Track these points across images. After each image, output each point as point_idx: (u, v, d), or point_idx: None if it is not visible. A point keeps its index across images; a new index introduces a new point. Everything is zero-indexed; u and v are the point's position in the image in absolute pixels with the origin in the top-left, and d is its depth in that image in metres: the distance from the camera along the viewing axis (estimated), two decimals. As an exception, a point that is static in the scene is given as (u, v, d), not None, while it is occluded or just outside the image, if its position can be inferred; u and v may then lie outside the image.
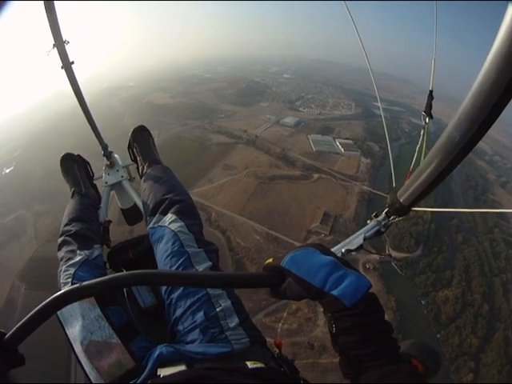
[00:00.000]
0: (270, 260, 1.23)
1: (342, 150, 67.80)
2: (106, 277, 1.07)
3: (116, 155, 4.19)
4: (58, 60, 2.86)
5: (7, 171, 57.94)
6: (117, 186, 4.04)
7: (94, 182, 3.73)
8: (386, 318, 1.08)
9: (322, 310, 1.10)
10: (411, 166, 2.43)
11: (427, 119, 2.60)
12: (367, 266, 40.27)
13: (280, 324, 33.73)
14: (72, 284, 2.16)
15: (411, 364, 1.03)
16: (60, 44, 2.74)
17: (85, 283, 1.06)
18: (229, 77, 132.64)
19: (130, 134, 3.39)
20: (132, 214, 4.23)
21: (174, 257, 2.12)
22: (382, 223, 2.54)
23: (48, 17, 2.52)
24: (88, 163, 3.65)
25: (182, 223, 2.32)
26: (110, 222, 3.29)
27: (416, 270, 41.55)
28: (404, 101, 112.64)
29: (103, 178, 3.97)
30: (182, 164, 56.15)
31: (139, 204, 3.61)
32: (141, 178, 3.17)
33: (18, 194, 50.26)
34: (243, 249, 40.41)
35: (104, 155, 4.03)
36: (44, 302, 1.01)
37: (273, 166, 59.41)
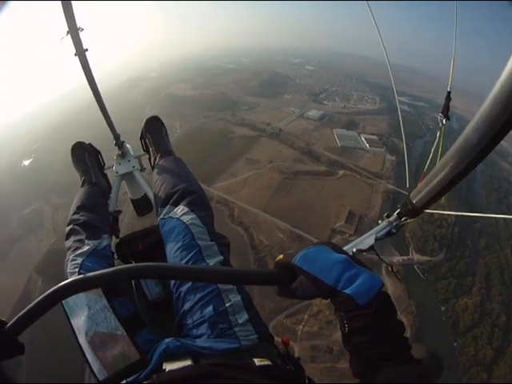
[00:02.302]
0: (281, 257, 1.22)
1: (367, 145, 66.23)
2: (111, 269, 1.07)
3: (128, 145, 4.18)
4: (71, 47, 2.79)
5: (26, 163, 58.03)
6: (128, 176, 4.06)
7: (105, 171, 3.74)
8: (405, 323, 1.08)
9: None
10: (426, 167, 2.40)
11: (444, 121, 2.55)
12: (389, 268, 39.24)
13: (300, 326, 33.36)
14: (79, 274, 2.14)
15: (423, 364, 1.03)
16: (74, 31, 2.67)
17: (89, 274, 1.06)
18: (251, 68, 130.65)
19: (142, 124, 3.42)
20: (142, 205, 4.26)
21: (184, 250, 2.10)
22: (394, 224, 2.55)
23: (62, 4, 2.46)
24: (99, 152, 3.65)
25: (194, 215, 2.30)
26: (119, 212, 3.30)
27: (438, 274, 40.60)
28: (428, 96, 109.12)
29: (114, 168, 3.98)
30: (204, 157, 55.76)
31: (150, 195, 3.63)
32: (152, 169, 3.19)
33: (37, 187, 50.24)
34: (266, 247, 39.73)
35: (116, 145, 4.03)
36: (46, 293, 1.01)
37: (297, 160, 58.14)
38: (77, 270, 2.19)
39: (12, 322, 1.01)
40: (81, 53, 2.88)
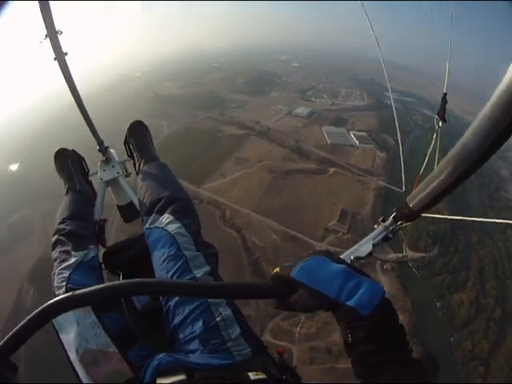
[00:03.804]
0: (278, 269, 1.20)
1: (357, 142, 66.07)
2: (100, 286, 1.05)
3: (112, 150, 4.08)
4: (50, 51, 2.70)
5: (12, 168, 55.62)
6: (113, 183, 3.98)
7: (90, 178, 3.69)
8: (402, 320, 1.15)
9: None
10: (421, 170, 2.40)
11: (440, 123, 2.51)
12: (385, 266, 39.96)
13: (298, 328, 33.00)
14: (66, 288, 2.15)
15: (423, 365, 1.04)
16: (53, 34, 2.58)
17: (77, 292, 1.04)
18: (238, 65, 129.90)
19: (126, 129, 3.37)
20: (129, 211, 4.12)
21: (170, 260, 2.07)
22: (390, 228, 2.49)
23: (40, 6, 2.36)
24: (83, 158, 3.62)
25: (179, 224, 2.27)
26: (105, 220, 3.25)
27: (433, 270, 40.64)
28: (416, 91, 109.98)
29: (98, 175, 3.89)
30: (193, 157, 55.05)
31: (135, 201, 3.53)
32: (137, 175, 3.15)
33: (24, 192, 48.26)
34: (259, 248, 39.17)
35: (99, 151, 3.92)
36: (35, 312, 1.01)
37: (287, 159, 57.64)
38: (64, 283, 2.15)
39: (2, 343, 0.97)
40: (60, 57, 2.76)
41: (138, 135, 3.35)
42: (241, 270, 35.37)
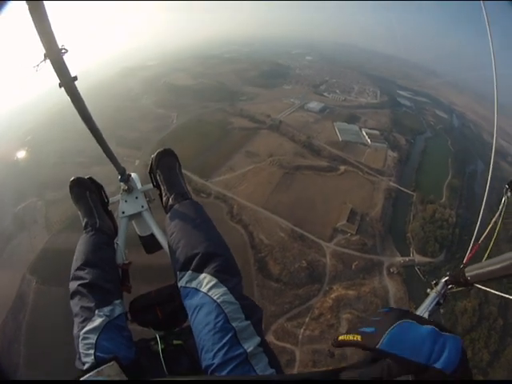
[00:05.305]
0: (344, 337, 1.15)
1: (369, 141, 65.14)
2: None
3: (134, 175, 3.67)
4: (54, 76, 1.95)
5: (19, 156, 54.73)
6: (136, 215, 3.51)
7: (109, 207, 3.38)
8: None
9: (344, 316, 1.12)
10: (481, 239, 2.48)
11: (509, 193, 2.41)
12: (391, 270, 39.66)
13: (302, 330, 32.44)
14: (95, 356, 2.00)
15: None
16: (55, 55, 1.79)
17: None
18: (250, 58, 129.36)
19: (152, 157, 3.10)
20: (152, 242, 3.55)
21: (217, 333, 1.91)
22: (442, 292, 2.47)
23: (32, 14, 1.56)
24: (101, 187, 3.33)
25: (225, 288, 2.07)
26: (129, 264, 2.96)
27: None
28: (429, 91, 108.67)
29: (120, 207, 3.48)
30: (202, 149, 54.44)
31: (160, 238, 3.11)
32: (165, 210, 2.93)
33: (31, 181, 47.82)
34: (266, 247, 38.49)
35: (121, 180, 3.49)
36: None
37: (298, 154, 56.76)
38: (92, 352, 2.01)
39: None
40: (68, 83, 2.06)
41: (166, 166, 3.04)
42: (247, 267, 34.82)
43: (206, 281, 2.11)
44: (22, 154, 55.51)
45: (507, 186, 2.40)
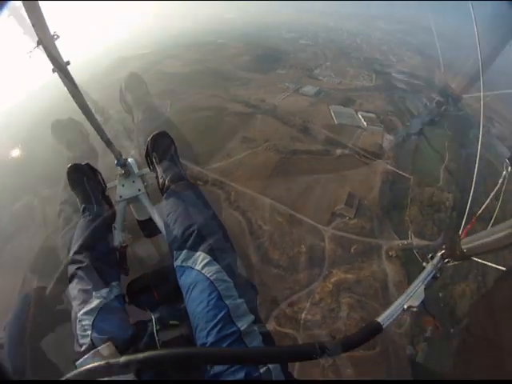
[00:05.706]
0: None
1: (365, 124, 64.63)
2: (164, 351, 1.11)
3: (131, 160, 3.77)
4: (47, 61, 2.12)
5: (13, 154, 55.17)
6: (133, 199, 3.65)
7: (107, 193, 3.53)
8: None
9: (344, 300, 1.39)
10: (478, 213, 2.49)
11: (510, 168, 2.45)
12: (390, 253, 39.37)
13: (303, 315, 32.50)
14: (91, 338, 1.98)
15: None
16: (47, 40, 1.97)
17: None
18: (243, 42, 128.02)
19: (148, 140, 3.22)
20: (151, 226, 3.69)
21: (210, 310, 1.95)
22: (438, 266, 2.56)
23: (26, 6, 1.74)
24: (99, 173, 3.48)
25: (218, 266, 2.16)
26: (126, 246, 3.15)
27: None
28: (421, 74, 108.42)
29: (117, 191, 3.64)
30: (198, 137, 53.71)
31: (156, 219, 3.26)
32: (161, 192, 3.09)
33: (26, 178, 47.63)
34: (265, 232, 38.29)
35: (117, 165, 3.58)
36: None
37: (294, 139, 56.09)
38: (88, 333, 2.03)
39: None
40: (60, 68, 2.19)
41: (161, 149, 3.18)
42: (246, 253, 34.89)
43: (200, 258, 2.16)
44: (15, 152, 55.05)
45: (507, 161, 2.37)
